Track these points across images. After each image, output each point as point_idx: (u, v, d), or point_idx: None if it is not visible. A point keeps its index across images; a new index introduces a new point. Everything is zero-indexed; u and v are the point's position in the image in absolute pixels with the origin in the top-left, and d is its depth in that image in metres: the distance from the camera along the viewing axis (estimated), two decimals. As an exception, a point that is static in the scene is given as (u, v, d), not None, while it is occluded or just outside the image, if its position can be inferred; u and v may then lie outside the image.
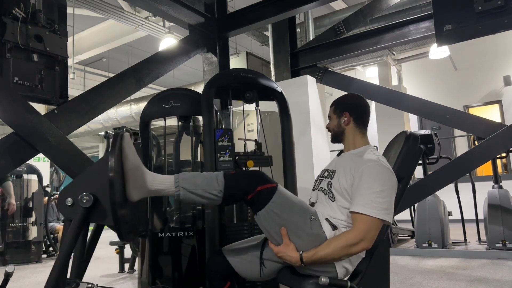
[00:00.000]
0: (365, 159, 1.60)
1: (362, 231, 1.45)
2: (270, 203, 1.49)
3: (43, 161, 8.20)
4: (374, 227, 1.46)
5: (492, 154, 3.84)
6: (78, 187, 1.49)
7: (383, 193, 1.48)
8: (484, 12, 2.58)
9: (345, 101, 1.81)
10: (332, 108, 1.82)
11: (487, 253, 4.45)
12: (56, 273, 1.42)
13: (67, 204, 1.49)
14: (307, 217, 1.54)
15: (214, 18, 3.98)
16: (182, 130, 2.64)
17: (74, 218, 1.48)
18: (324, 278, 1.40)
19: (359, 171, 1.54)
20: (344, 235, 1.48)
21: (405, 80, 10.04)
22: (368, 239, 1.45)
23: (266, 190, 1.50)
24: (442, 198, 5.01)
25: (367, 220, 1.45)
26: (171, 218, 2.43)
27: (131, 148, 1.51)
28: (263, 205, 1.50)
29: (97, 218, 1.49)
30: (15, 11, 2.40)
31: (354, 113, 1.74)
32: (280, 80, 4.66)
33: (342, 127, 1.76)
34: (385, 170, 1.54)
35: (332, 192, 1.63)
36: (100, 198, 1.47)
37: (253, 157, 2.32)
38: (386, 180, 1.52)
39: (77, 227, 1.47)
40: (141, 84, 3.16)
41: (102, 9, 6.00)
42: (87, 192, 1.46)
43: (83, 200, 1.45)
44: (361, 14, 4.98)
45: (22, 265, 5.24)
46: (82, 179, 1.55)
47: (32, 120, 2.42)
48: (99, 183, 1.46)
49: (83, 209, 1.46)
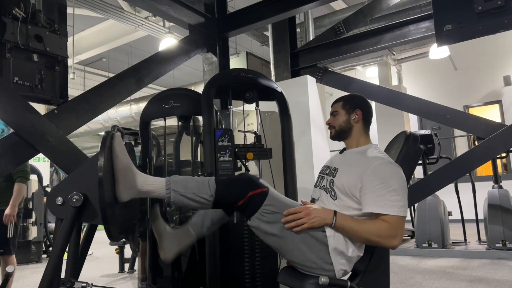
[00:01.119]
0: (372, 158, 1.60)
1: (394, 229, 1.47)
2: (263, 207, 1.47)
3: (43, 161, 8.21)
4: (400, 225, 1.48)
5: (492, 154, 3.84)
6: (68, 186, 1.49)
7: (398, 190, 1.50)
8: (484, 12, 2.58)
9: (356, 99, 1.79)
10: (340, 103, 1.78)
11: (487, 253, 4.45)
12: (50, 273, 1.42)
13: (57, 203, 1.49)
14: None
15: (214, 18, 3.98)
16: (182, 130, 2.64)
17: (65, 218, 1.47)
18: (324, 278, 1.40)
19: (368, 171, 1.54)
20: (379, 223, 1.49)
21: (405, 80, 10.04)
22: (398, 237, 1.48)
23: (258, 195, 1.48)
24: (442, 198, 5.01)
25: (393, 219, 1.47)
26: (171, 218, 2.43)
27: (121, 148, 1.51)
28: (256, 210, 1.47)
29: (88, 217, 1.49)
30: (15, 11, 2.40)
31: (365, 111, 1.75)
32: (280, 80, 4.66)
33: (351, 124, 1.74)
34: (395, 168, 1.56)
35: (334, 190, 1.62)
36: (90, 198, 1.47)
37: (253, 149, 2.31)
38: (399, 177, 1.53)
39: (68, 226, 1.46)
40: (141, 84, 3.16)
41: (102, 9, 6.00)
42: (77, 191, 1.46)
43: (73, 199, 1.45)
44: (361, 14, 4.97)
45: (22, 265, 5.24)
46: (72, 178, 1.55)
47: (32, 120, 2.41)
48: (89, 183, 1.45)
49: (73, 208, 1.45)
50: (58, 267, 1.45)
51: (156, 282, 2.25)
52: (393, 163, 1.58)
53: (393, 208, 1.47)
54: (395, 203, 1.47)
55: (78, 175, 1.53)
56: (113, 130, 1.54)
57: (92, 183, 1.43)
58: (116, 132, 1.53)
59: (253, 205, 1.48)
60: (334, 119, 1.78)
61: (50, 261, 1.45)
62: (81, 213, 1.47)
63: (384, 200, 1.48)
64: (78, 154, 2.62)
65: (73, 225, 1.47)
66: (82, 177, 1.51)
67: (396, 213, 1.47)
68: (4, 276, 1.90)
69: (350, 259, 1.54)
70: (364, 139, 1.74)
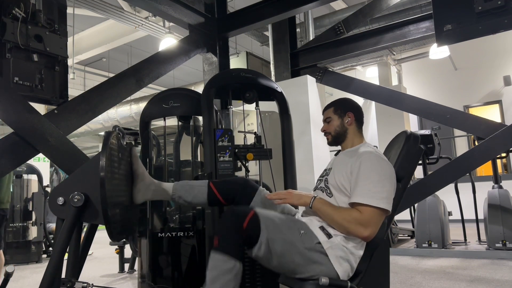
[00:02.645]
0: (361, 152, 1.63)
1: (366, 219, 1.47)
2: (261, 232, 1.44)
3: (43, 161, 8.21)
4: (375, 216, 1.48)
5: (492, 154, 3.85)
6: (69, 186, 1.49)
7: (381, 182, 1.50)
8: (484, 12, 2.58)
9: (345, 102, 1.83)
10: (331, 109, 1.82)
11: (487, 253, 4.44)
12: (51, 273, 1.42)
13: (58, 203, 1.49)
14: (295, 232, 1.52)
15: (214, 18, 3.98)
16: (182, 130, 2.64)
17: (66, 218, 1.47)
18: (324, 279, 1.40)
19: (357, 164, 1.57)
20: (352, 210, 1.51)
21: (405, 80, 10.04)
22: (370, 228, 1.47)
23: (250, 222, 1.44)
24: (442, 198, 5.01)
25: (367, 209, 1.47)
26: (171, 218, 2.43)
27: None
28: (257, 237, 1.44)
29: (89, 217, 1.50)
30: (15, 11, 2.40)
31: (356, 113, 1.80)
32: (280, 80, 4.66)
33: (345, 127, 1.78)
34: (381, 160, 1.57)
35: (329, 188, 1.65)
36: (91, 198, 1.47)
37: (253, 149, 2.32)
38: (383, 169, 1.54)
39: (69, 226, 1.47)
40: (141, 84, 3.16)
41: (102, 9, 6.00)
42: (78, 191, 1.46)
43: (74, 199, 1.45)
44: (361, 14, 4.98)
45: (22, 265, 5.24)
46: (73, 178, 1.55)
47: (32, 120, 2.41)
48: (90, 183, 1.46)
49: (75, 209, 1.45)
50: (59, 267, 1.45)
51: (156, 282, 2.25)
52: (380, 156, 1.60)
53: (370, 198, 1.47)
54: (374, 195, 1.48)
55: (79, 175, 1.54)
56: (114, 130, 1.56)
57: (93, 183, 1.43)
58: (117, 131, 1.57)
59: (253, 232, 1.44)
60: (328, 125, 1.82)
61: (51, 261, 1.45)
62: (82, 213, 1.47)
63: (364, 190, 1.50)
64: (78, 154, 2.62)
65: (74, 225, 1.47)
66: (83, 177, 1.51)
67: (374, 203, 1.47)
68: (4, 275, 1.90)
69: (352, 262, 1.54)
70: (358, 139, 1.79)
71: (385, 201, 1.48)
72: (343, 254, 1.51)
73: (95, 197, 1.46)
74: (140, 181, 1.75)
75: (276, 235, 1.46)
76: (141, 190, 1.75)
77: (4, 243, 3.52)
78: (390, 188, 1.53)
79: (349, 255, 1.52)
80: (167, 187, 1.81)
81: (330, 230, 1.55)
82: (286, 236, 1.49)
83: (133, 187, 1.75)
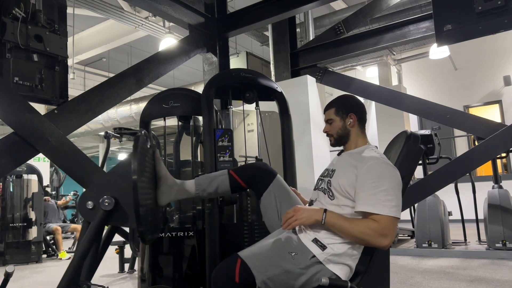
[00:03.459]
0: (367, 157, 1.59)
1: (385, 228, 1.45)
2: (256, 278, 1.44)
3: (43, 161, 8.22)
4: (392, 224, 1.47)
5: (492, 154, 3.84)
6: (98, 191, 1.50)
7: (391, 190, 1.49)
8: (484, 12, 2.58)
9: (346, 102, 1.76)
10: (333, 110, 1.75)
11: (487, 253, 4.44)
12: (71, 273, 1.43)
13: (88, 207, 1.50)
14: (287, 257, 1.50)
15: (214, 18, 3.98)
16: (182, 130, 2.64)
17: (92, 221, 1.48)
18: (324, 279, 1.40)
19: (363, 170, 1.54)
20: (369, 221, 1.47)
21: (405, 80, 10.04)
22: (390, 237, 1.46)
23: (241, 273, 1.44)
24: (442, 198, 5.01)
25: (384, 219, 1.45)
26: (171, 218, 2.43)
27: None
28: (254, 283, 1.44)
29: (118, 220, 1.51)
30: (15, 11, 2.40)
31: (359, 113, 1.73)
32: (280, 80, 4.66)
33: (348, 129, 1.72)
34: (390, 168, 1.55)
35: (331, 190, 1.62)
36: (121, 201, 1.48)
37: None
38: (392, 176, 1.52)
39: (96, 229, 1.48)
40: (141, 84, 3.16)
41: (102, 9, 6.01)
42: (108, 195, 1.47)
43: (104, 203, 1.46)
44: (361, 14, 4.98)
45: (22, 265, 5.24)
46: (102, 182, 1.56)
47: (32, 120, 2.41)
48: (121, 186, 1.47)
49: (103, 212, 1.46)
50: (79, 268, 1.46)
51: (156, 282, 2.25)
52: (388, 163, 1.57)
53: (384, 207, 1.46)
54: (386, 203, 1.46)
55: (109, 180, 1.55)
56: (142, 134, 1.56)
57: (124, 187, 1.44)
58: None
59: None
60: (330, 127, 1.76)
61: (72, 262, 1.46)
62: (111, 216, 1.49)
63: (375, 199, 1.47)
64: (78, 154, 2.62)
65: (102, 228, 1.49)
66: (113, 181, 1.52)
67: (387, 213, 1.45)
68: (4, 275, 1.90)
69: (350, 263, 1.54)
70: (362, 140, 1.73)
71: (395, 209, 1.48)
72: (340, 259, 1.51)
73: (125, 200, 1.46)
74: (163, 183, 1.74)
75: (270, 272, 1.46)
76: (165, 192, 1.74)
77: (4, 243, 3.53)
78: (399, 195, 1.52)
79: (345, 258, 1.52)
80: (189, 185, 1.80)
81: (325, 241, 1.53)
82: (280, 267, 1.48)
83: (156, 189, 1.74)
